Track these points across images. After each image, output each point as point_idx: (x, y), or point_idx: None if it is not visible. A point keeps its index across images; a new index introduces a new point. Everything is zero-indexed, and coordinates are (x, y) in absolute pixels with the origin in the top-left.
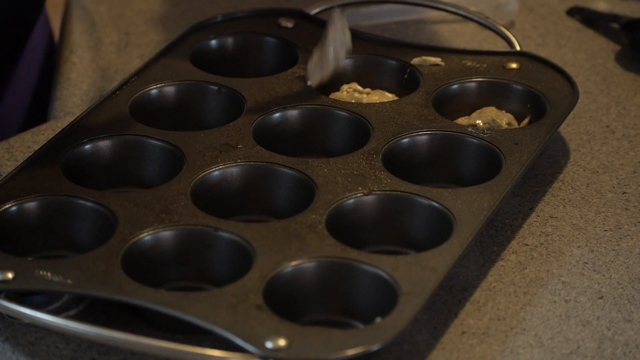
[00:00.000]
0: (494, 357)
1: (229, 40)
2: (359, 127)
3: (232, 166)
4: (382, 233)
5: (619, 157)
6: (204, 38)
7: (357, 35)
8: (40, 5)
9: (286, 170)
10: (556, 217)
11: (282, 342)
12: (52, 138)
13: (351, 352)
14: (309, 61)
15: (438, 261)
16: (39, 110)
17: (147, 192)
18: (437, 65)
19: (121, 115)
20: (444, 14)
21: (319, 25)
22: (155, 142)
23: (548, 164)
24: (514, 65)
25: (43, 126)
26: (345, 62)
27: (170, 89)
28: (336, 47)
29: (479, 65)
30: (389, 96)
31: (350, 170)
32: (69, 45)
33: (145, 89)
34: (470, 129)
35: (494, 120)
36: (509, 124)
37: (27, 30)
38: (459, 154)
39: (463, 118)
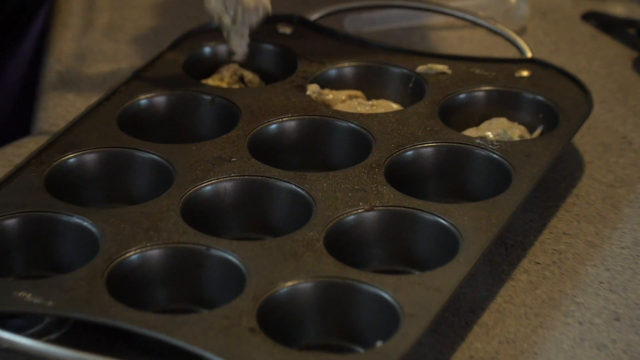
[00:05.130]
0: None
1: (224, 48)
2: (360, 139)
3: (226, 180)
4: (384, 251)
5: (637, 169)
6: (198, 45)
7: (360, 42)
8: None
9: (283, 184)
10: (570, 234)
11: None
12: (35, 151)
13: None
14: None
15: (443, 281)
16: (21, 122)
17: (135, 208)
18: (444, 73)
19: (109, 127)
20: (450, 19)
21: (320, 32)
22: (144, 155)
23: (561, 177)
24: (525, 73)
25: (26, 139)
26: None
27: (160, 99)
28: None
29: (487, 73)
30: (393, 106)
31: (351, 185)
32: (55, 53)
33: (135, 100)
34: (478, 141)
35: (504, 132)
36: (520, 136)
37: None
38: (466, 167)
39: (471, 129)
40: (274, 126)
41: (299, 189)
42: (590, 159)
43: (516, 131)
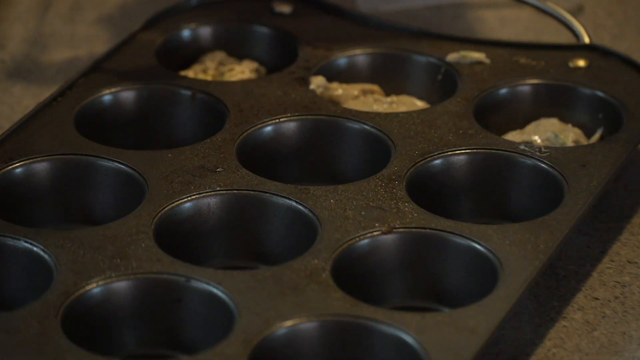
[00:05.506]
0: None
1: (207, 31)
2: (376, 144)
3: (209, 196)
4: (405, 284)
5: None
6: (174, 28)
7: (376, 24)
8: None
9: (280, 200)
10: (636, 263)
11: None
12: None
13: None
14: None
15: (479, 321)
16: None
17: (97, 230)
18: (481, 63)
19: (64, 129)
20: None
21: (326, 11)
22: (108, 164)
23: (625, 192)
24: (581, 63)
25: None
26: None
27: (128, 95)
28: None
29: (535, 63)
30: (417, 103)
31: (365, 201)
32: None
33: (96, 95)
34: (523, 147)
35: (556, 136)
36: (575, 141)
37: None
38: (507, 180)
39: (514, 133)
40: (269, 128)
41: (300, 207)
42: None
43: (570, 135)
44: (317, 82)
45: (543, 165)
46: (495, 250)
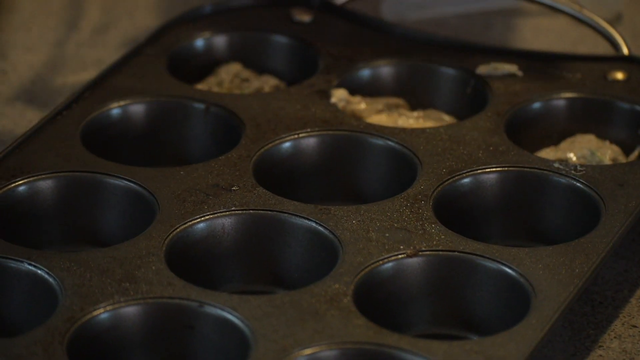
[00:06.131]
0: None
1: (222, 40)
2: (401, 161)
3: (224, 216)
4: (431, 310)
5: None
6: (187, 37)
7: (402, 34)
8: None
9: (299, 221)
10: None
11: None
12: None
13: None
14: None
15: (510, 349)
16: None
17: (105, 252)
18: (513, 75)
19: (70, 144)
20: (522, 3)
21: (348, 19)
22: (117, 182)
23: None
24: (619, 76)
25: None
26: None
27: (137, 109)
28: None
29: (570, 75)
30: (445, 118)
31: (389, 222)
32: None
33: (104, 109)
34: (557, 165)
35: (592, 153)
36: (613, 159)
37: None
38: (541, 200)
39: (548, 150)
40: (287, 144)
41: (320, 228)
42: None
43: (607, 152)
44: (339, 96)
45: (578, 184)
46: (527, 275)
